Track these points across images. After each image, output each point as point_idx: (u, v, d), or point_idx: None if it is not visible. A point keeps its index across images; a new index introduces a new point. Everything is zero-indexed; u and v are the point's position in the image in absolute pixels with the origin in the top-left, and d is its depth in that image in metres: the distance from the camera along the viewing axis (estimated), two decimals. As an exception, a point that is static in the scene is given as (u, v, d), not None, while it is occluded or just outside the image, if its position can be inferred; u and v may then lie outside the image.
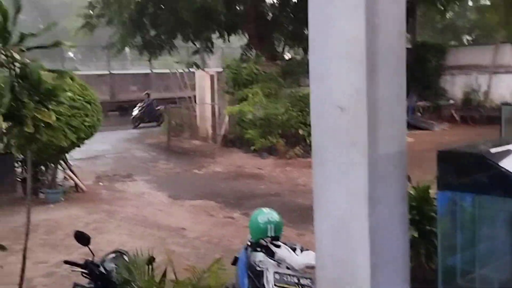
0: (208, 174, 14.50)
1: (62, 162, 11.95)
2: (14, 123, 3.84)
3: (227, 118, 17.97)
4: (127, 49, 22.80)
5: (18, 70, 3.83)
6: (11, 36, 3.77)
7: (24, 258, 4.94)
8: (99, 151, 16.91)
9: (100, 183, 13.35)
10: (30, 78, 3.80)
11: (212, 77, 19.22)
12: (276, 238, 4.29)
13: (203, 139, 19.36)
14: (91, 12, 19.25)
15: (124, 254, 4.92)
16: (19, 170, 11.55)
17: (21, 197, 11.54)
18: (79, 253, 6.38)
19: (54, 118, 3.96)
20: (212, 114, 19.14)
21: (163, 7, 18.44)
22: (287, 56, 22.83)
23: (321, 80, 2.27)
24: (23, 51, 3.89)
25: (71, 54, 38.61)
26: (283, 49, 22.68)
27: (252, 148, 16.20)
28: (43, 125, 3.90)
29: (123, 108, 26.75)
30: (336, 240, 2.27)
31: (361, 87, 2.09)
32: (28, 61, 3.91)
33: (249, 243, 4.39)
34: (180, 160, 16.36)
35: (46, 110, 3.88)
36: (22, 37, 3.84)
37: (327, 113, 2.23)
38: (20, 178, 11.81)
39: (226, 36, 21.71)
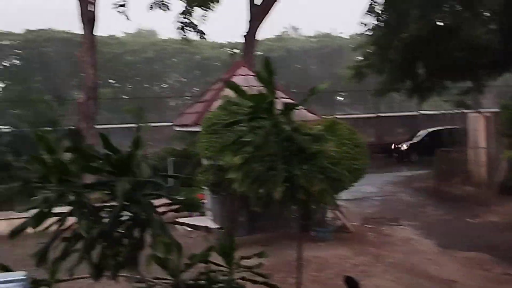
0: (483, 224, 13.35)
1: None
2: (286, 190, 4.09)
3: (504, 163, 16.39)
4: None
5: (285, 136, 4.06)
6: (275, 109, 4.04)
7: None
8: (365, 193, 17.17)
9: (367, 225, 13.47)
10: (297, 144, 4.02)
11: (486, 118, 17.87)
12: None
13: (476, 185, 17.97)
14: (362, 62, 20.00)
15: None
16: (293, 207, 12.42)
17: (295, 233, 12.41)
18: (347, 295, 6.50)
19: (321, 186, 4.12)
20: (487, 158, 17.70)
21: (432, 50, 18.07)
22: None
23: None
24: (288, 115, 4.10)
25: (340, 99, 40.53)
26: None
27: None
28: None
29: (389, 150, 26.75)
30: None
31: None
32: (293, 123, 4.07)
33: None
34: (450, 207, 15.48)
35: (315, 178, 4.06)
36: (288, 107, 4.08)
37: None
38: (294, 215, 12.74)
39: (501, 74, 20.00)
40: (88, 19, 18.83)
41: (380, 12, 18.20)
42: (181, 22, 23.01)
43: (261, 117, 4.05)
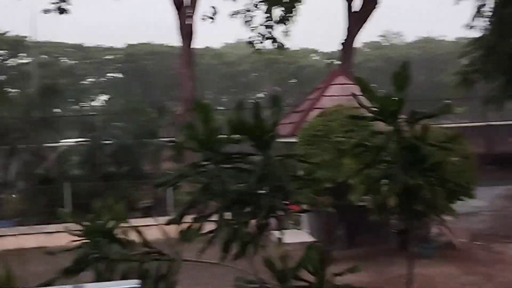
0: None
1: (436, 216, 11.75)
2: (404, 199, 3.92)
3: None
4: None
5: (405, 144, 3.94)
6: (400, 113, 3.93)
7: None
8: (473, 207, 16.02)
9: (476, 242, 12.57)
10: (419, 152, 3.86)
11: None
12: None
13: None
14: (469, 68, 18.93)
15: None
16: (393, 221, 11.84)
17: (395, 249, 11.82)
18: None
19: (444, 198, 3.93)
20: None
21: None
22: None
23: None
24: (411, 123, 3.98)
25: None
26: None
27: None
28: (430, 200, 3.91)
29: (501, 161, 24.89)
30: None
31: None
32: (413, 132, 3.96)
33: None
34: None
35: (438, 189, 3.88)
36: (414, 115, 3.94)
37: None
38: (394, 230, 12.16)
39: None
40: (187, 32, 19.36)
41: (489, 14, 17.13)
42: (260, 34, 23.17)
43: (385, 121, 3.95)
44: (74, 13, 22.48)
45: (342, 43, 20.67)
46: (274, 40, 23.21)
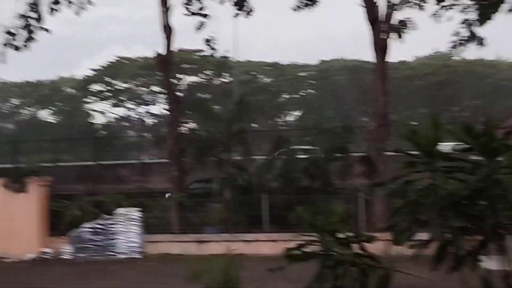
0: None
1: None
2: None
3: None
4: None
5: None
6: None
7: None
8: None
9: None
10: None
11: None
12: None
13: None
14: None
15: None
16: None
17: None
18: None
19: None
20: None
21: None
22: None
23: None
24: None
25: None
26: None
27: None
28: None
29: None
30: None
31: None
32: None
33: None
34: None
35: None
36: None
37: None
38: None
39: None
40: (381, 46, 19.16)
41: None
42: (461, 38, 21.50)
43: None
44: (271, 33, 23.83)
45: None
46: (479, 41, 21.32)
